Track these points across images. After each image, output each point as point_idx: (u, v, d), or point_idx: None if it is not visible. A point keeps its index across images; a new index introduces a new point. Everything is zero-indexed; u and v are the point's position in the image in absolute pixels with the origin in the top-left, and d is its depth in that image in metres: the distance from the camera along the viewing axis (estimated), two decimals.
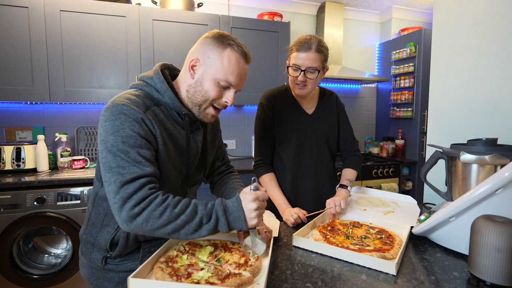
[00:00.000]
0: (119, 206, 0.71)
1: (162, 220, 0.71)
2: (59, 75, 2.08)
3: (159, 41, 2.29)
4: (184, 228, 0.72)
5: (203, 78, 0.86)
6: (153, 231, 0.72)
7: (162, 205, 0.72)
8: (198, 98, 0.88)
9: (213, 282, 0.67)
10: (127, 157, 0.74)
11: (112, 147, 0.74)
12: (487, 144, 0.89)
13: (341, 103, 1.43)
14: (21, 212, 1.76)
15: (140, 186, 0.72)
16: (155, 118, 0.82)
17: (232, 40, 0.86)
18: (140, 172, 0.73)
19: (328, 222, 1.06)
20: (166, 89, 0.86)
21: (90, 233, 0.93)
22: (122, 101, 0.78)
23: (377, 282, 0.72)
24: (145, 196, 0.72)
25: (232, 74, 0.85)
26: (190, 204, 0.75)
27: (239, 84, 0.88)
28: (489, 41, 1.21)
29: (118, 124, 0.76)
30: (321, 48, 1.19)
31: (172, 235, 0.73)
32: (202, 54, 0.86)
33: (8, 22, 1.96)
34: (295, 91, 1.28)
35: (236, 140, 2.95)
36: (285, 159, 1.34)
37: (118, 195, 0.71)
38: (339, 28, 3.09)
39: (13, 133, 2.30)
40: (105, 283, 0.95)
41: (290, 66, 1.22)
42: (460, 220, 0.83)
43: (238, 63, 0.86)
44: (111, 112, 0.77)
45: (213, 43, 0.85)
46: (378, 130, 3.52)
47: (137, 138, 0.76)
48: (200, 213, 0.74)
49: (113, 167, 0.73)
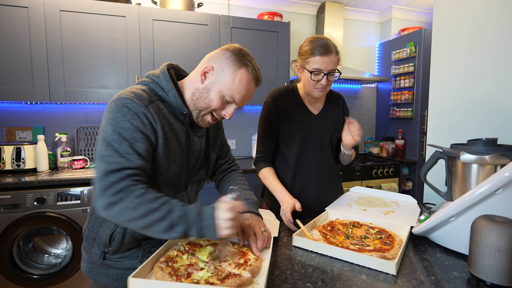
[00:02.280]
0: (99, 193, 0.72)
1: (136, 212, 0.71)
2: (59, 75, 2.08)
3: (159, 41, 2.29)
4: (155, 225, 0.71)
5: (211, 87, 0.88)
6: (127, 222, 0.72)
7: (140, 197, 0.72)
8: (201, 104, 0.90)
9: (213, 282, 0.67)
10: (119, 147, 0.76)
11: (108, 137, 0.77)
12: (487, 144, 0.89)
13: (348, 108, 1.45)
14: (21, 212, 1.76)
15: (123, 176, 0.73)
16: (158, 112, 0.85)
17: (249, 61, 0.88)
18: (126, 164, 0.75)
19: (328, 222, 1.06)
20: (171, 88, 0.88)
21: (92, 228, 0.95)
22: (127, 95, 0.81)
23: (377, 282, 0.72)
24: (125, 186, 0.73)
25: (239, 93, 0.88)
26: (167, 202, 0.74)
27: (242, 103, 0.92)
28: (489, 41, 1.21)
29: (119, 116, 0.78)
30: (337, 49, 1.21)
31: (144, 230, 0.73)
32: (217, 65, 0.88)
33: (8, 22, 1.96)
34: (314, 94, 1.26)
35: (236, 140, 2.95)
36: (288, 158, 1.34)
37: (102, 182, 0.73)
38: (339, 28, 3.09)
39: (13, 133, 2.30)
40: (103, 279, 0.97)
41: (311, 71, 1.20)
42: (460, 220, 0.83)
43: (248, 85, 0.89)
44: (115, 104, 0.80)
45: (231, 58, 0.87)
46: (378, 130, 3.52)
47: (134, 131, 0.78)
48: (175, 214, 0.72)
49: (103, 155, 0.76)
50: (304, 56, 1.21)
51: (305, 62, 1.21)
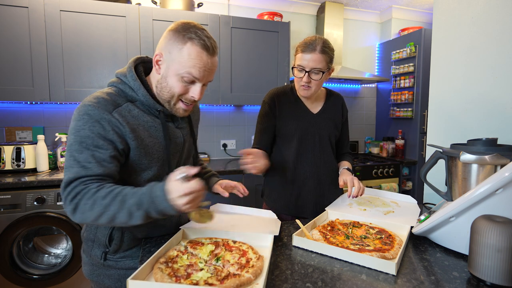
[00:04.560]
0: (63, 202, 0.77)
1: (95, 211, 0.74)
2: (59, 75, 2.08)
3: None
4: (116, 218, 0.75)
5: (167, 73, 0.85)
6: (92, 222, 0.76)
7: (92, 198, 0.75)
8: (165, 94, 0.88)
9: (212, 283, 0.67)
10: (79, 156, 0.78)
11: (70, 147, 0.79)
12: (487, 144, 0.89)
13: (347, 108, 1.45)
14: (21, 212, 1.76)
15: (78, 184, 0.76)
16: (125, 115, 0.84)
17: (194, 32, 0.82)
18: (83, 173, 0.77)
19: (328, 222, 1.06)
20: (139, 87, 0.86)
21: (90, 230, 0.95)
22: (90, 101, 0.81)
23: (377, 282, 0.72)
24: (79, 191, 0.75)
25: (194, 68, 0.83)
26: (119, 193, 0.75)
27: (204, 77, 0.86)
28: (489, 41, 1.21)
29: (80, 125, 0.79)
30: (325, 49, 1.19)
31: (111, 224, 0.76)
32: (164, 49, 0.85)
33: (8, 22, 1.96)
34: (299, 92, 1.28)
35: (236, 140, 2.95)
36: (287, 157, 1.34)
37: (63, 192, 0.77)
38: (339, 28, 3.09)
39: (13, 133, 2.30)
40: (105, 280, 0.96)
41: (294, 67, 1.22)
42: (460, 220, 0.83)
43: (199, 56, 0.83)
44: (78, 112, 0.81)
45: (174, 37, 0.83)
46: (378, 130, 3.52)
47: (95, 138, 0.79)
48: (129, 202, 0.74)
49: (66, 166, 0.79)
50: (294, 53, 1.26)
51: (294, 59, 1.25)
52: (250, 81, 2.56)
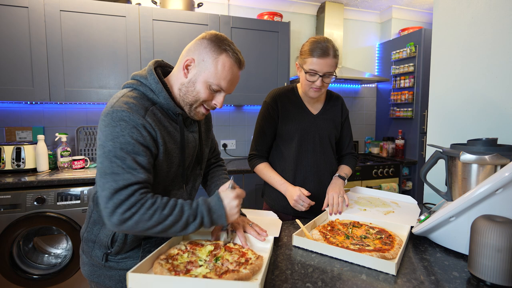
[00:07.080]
0: (110, 211, 0.73)
1: (152, 222, 0.74)
2: (59, 75, 2.08)
3: (159, 41, 2.29)
4: (172, 227, 0.76)
5: (196, 79, 0.87)
6: (143, 231, 0.75)
7: (152, 208, 0.74)
8: (190, 98, 0.89)
9: (211, 277, 0.68)
10: (123, 163, 0.75)
11: (110, 153, 0.76)
12: (487, 144, 0.89)
13: (347, 109, 1.45)
14: (21, 212, 1.76)
15: (132, 192, 0.74)
16: (154, 119, 0.84)
17: (228, 45, 0.86)
18: (133, 179, 0.75)
19: (328, 222, 1.06)
20: (161, 90, 0.86)
21: (92, 231, 0.94)
22: (122, 107, 0.79)
23: (377, 282, 0.72)
24: (135, 201, 0.74)
25: (224, 79, 0.87)
26: (177, 205, 0.78)
27: (230, 89, 0.91)
28: (489, 41, 1.21)
29: (118, 131, 0.77)
30: (337, 52, 1.21)
31: (161, 234, 0.77)
32: (197, 56, 0.86)
33: (8, 22, 1.96)
34: (309, 94, 1.28)
35: (236, 140, 2.95)
36: (287, 157, 1.34)
37: (111, 201, 0.73)
38: (339, 28, 3.09)
39: (13, 133, 2.30)
40: (106, 281, 0.96)
41: (307, 72, 1.21)
42: (460, 220, 0.83)
43: (231, 69, 0.87)
44: (112, 118, 0.78)
45: (209, 46, 0.85)
46: (378, 130, 3.52)
47: (135, 145, 0.78)
48: (187, 213, 0.78)
49: (108, 173, 0.75)
50: (303, 55, 1.23)
51: (304, 61, 1.23)
52: (250, 81, 2.56)
